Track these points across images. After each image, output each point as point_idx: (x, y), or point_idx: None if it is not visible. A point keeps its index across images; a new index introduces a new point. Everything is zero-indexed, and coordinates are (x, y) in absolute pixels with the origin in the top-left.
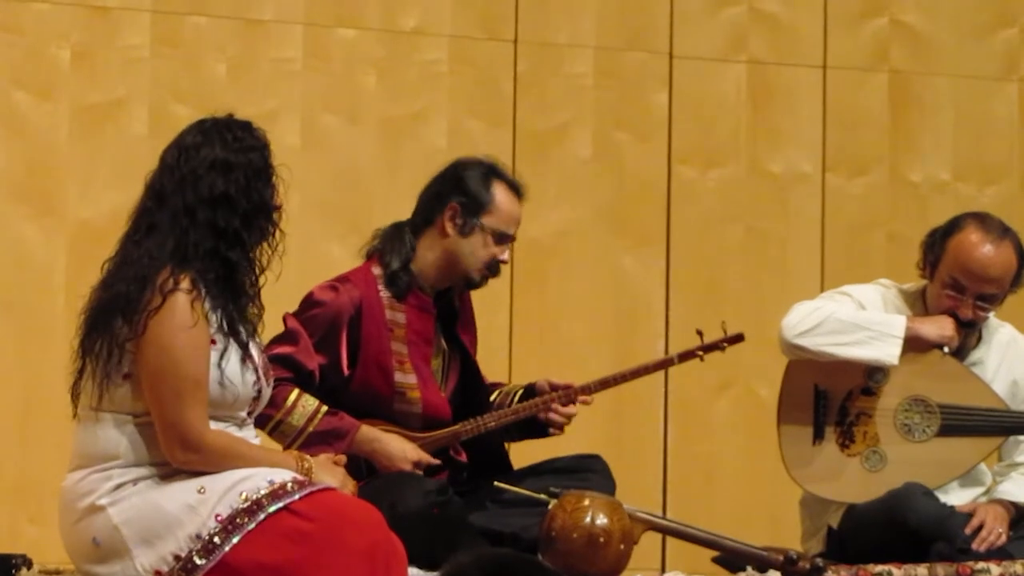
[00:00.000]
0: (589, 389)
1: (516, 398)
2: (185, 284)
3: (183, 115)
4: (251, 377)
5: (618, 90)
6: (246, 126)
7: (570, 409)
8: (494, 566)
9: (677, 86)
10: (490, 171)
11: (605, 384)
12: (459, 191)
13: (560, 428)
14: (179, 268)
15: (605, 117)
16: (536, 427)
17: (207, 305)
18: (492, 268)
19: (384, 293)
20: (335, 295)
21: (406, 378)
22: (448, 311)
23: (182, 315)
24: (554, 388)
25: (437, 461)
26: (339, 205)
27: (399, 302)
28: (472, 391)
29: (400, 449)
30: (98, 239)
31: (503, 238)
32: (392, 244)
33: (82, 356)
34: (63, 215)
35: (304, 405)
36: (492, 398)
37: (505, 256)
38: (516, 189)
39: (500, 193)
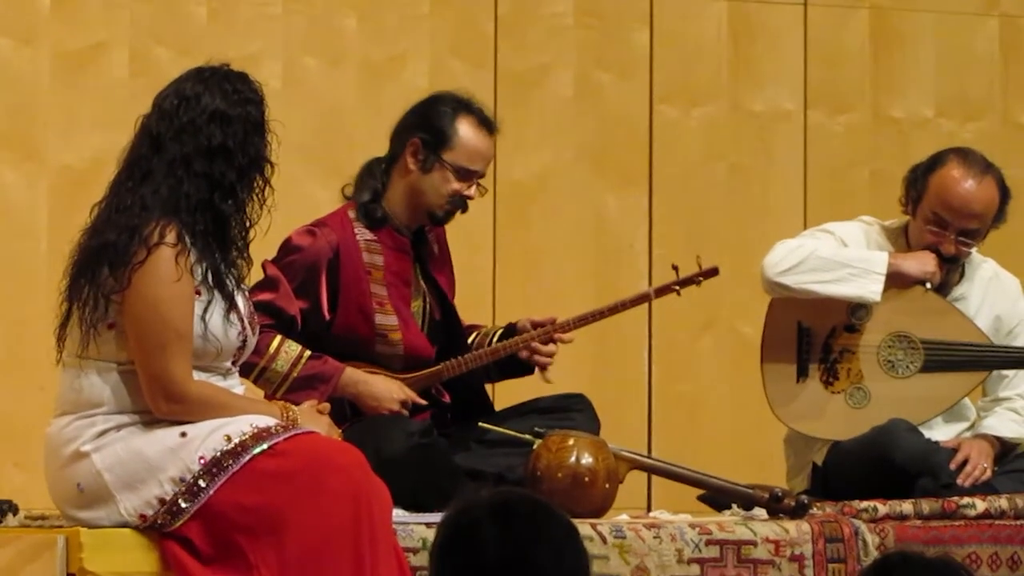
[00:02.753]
0: (567, 326)
1: (495, 338)
2: (170, 238)
3: (164, 59)
4: (235, 330)
5: (599, 29)
6: (243, 78)
7: (551, 348)
8: (503, 505)
9: (658, 24)
10: (459, 105)
11: (583, 321)
12: (423, 126)
13: (544, 368)
14: (167, 220)
15: (586, 57)
16: (519, 366)
17: (193, 258)
18: (456, 203)
19: (360, 236)
20: (312, 239)
21: (387, 319)
22: (425, 252)
23: (166, 269)
24: (535, 326)
25: (423, 401)
26: (320, 148)
27: (375, 241)
28: (452, 332)
29: (386, 389)
30: (80, 184)
31: (467, 174)
32: (363, 180)
33: (68, 301)
34: (44, 160)
35: (287, 351)
36: (470, 340)
37: (471, 192)
38: (486, 124)
39: (465, 128)
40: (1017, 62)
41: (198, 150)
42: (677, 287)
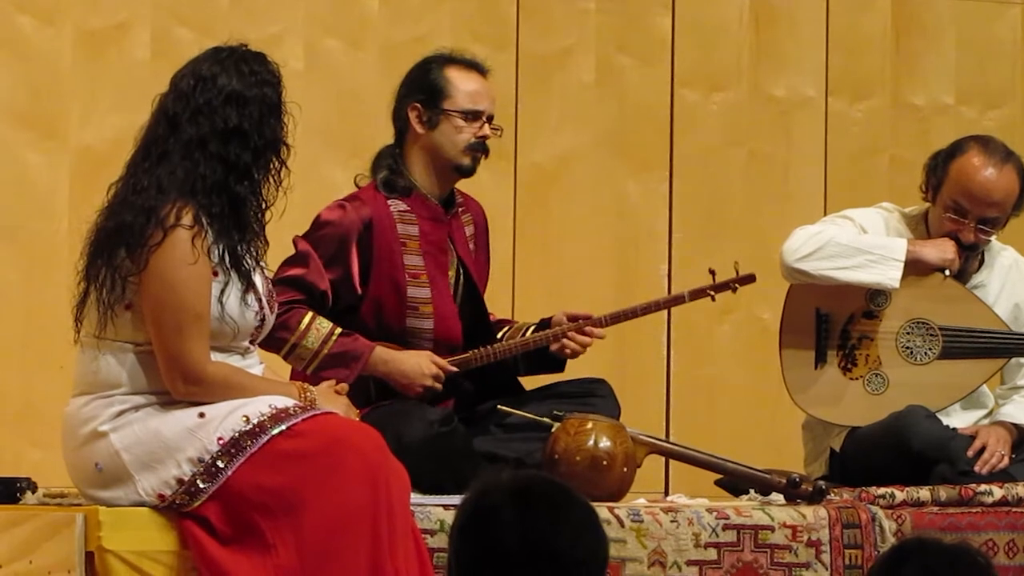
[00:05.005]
0: (602, 322)
1: (529, 332)
2: (187, 219)
3: (186, 39)
4: (252, 311)
5: (621, 14)
6: (261, 59)
7: (584, 339)
8: (523, 488)
9: (680, 10)
10: (443, 59)
11: (617, 318)
12: (416, 90)
13: (573, 354)
14: (184, 201)
15: (608, 41)
16: (548, 361)
17: (209, 239)
18: (477, 148)
19: (394, 207)
20: (343, 213)
21: (420, 291)
22: (454, 225)
23: (183, 251)
24: (571, 319)
25: (455, 368)
26: (341, 129)
27: (409, 211)
28: (478, 314)
29: (416, 365)
30: (101, 164)
31: (474, 115)
32: (377, 162)
33: (85, 281)
34: (66, 140)
35: (318, 328)
36: (501, 334)
37: (486, 131)
38: (473, 66)
39: (455, 75)
40: None
41: (214, 131)
42: (712, 292)
